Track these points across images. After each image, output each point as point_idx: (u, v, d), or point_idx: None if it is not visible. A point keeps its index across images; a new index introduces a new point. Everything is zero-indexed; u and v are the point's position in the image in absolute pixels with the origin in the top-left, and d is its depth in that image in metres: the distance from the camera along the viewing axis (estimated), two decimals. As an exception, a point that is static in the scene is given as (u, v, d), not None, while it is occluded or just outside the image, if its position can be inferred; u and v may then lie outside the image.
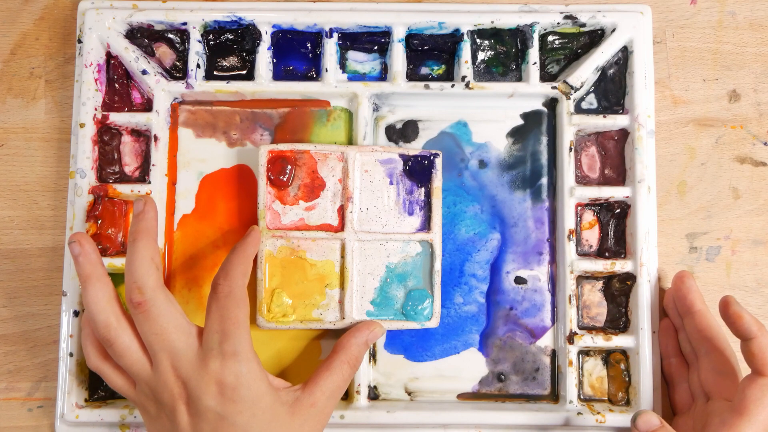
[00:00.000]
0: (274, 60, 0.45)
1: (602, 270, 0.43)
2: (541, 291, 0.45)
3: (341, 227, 0.43)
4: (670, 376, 0.43)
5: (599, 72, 0.45)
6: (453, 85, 0.44)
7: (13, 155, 0.45)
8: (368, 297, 0.43)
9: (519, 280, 0.45)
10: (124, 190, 0.43)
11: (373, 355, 0.44)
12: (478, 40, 0.45)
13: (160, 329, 0.37)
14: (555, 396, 0.44)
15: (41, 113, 0.45)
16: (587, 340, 0.43)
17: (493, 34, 0.45)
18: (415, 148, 0.45)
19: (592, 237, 0.45)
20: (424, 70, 0.46)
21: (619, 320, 0.44)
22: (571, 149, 0.44)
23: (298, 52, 0.45)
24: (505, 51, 0.45)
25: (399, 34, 0.44)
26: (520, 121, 0.45)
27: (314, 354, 0.44)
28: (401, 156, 0.43)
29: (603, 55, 0.44)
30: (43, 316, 0.44)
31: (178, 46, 0.45)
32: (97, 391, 0.43)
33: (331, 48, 0.44)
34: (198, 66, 0.44)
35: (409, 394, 0.44)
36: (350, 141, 0.45)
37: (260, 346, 0.42)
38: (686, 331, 0.42)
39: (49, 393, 0.44)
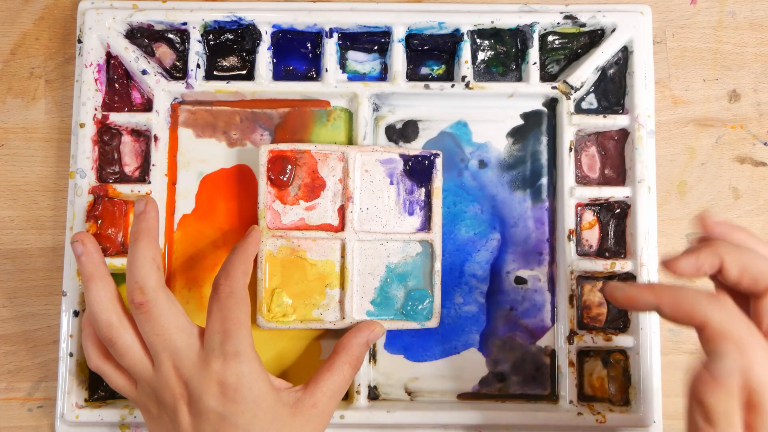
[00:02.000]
0: (274, 60, 0.45)
1: (602, 270, 0.43)
2: (541, 291, 0.45)
3: (341, 227, 0.43)
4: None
5: (599, 72, 0.45)
6: (453, 85, 0.44)
7: (13, 155, 0.45)
8: (368, 297, 0.43)
9: (519, 280, 0.45)
10: (124, 190, 0.43)
11: (373, 355, 0.44)
12: (478, 40, 0.45)
13: (162, 329, 0.37)
14: (555, 396, 0.44)
15: (41, 113, 0.45)
16: (587, 340, 0.43)
17: (493, 34, 0.45)
18: (415, 148, 0.45)
19: (592, 237, 0.45)
20: (424, 70, 0.46)
21: (619, 320, 0.44)
22: (571, 149, 0.44)
23: (298, 52, 0.45)
24: (505, 51, 0.45)
25: (399, 34, 0.44)
26: (520, 121, 0.45)
27: (314, 354, 0.44)
28: (401, 156, 0.43)
29: (603, 55, 0.44)
30: (43, 316, 0.44)
31: (178, 46, 0.45)
32: (97, 391, 0.43)
33: (331, 48, 0.44)
34: (198, 66, 0.44)
35: (409, 394, 0.44)
36: (350, 141, 0.45)
37: (260, 346, 0.42)
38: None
39: (49, 393, 0.44)
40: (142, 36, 0.45)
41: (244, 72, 0.45)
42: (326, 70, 0.44)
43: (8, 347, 0.44)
